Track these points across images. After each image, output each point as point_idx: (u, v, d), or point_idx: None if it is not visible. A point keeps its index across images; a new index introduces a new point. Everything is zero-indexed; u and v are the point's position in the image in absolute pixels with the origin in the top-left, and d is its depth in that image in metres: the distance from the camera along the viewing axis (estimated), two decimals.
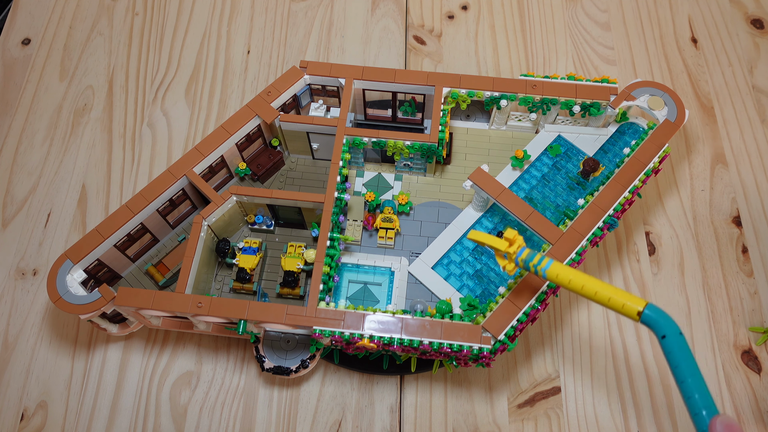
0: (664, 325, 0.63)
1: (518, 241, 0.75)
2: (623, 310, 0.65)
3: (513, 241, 0.75)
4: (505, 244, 0.75)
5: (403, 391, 0.97)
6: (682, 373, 0.61)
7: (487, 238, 0.77)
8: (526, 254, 0.74)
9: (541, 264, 0.72)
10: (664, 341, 0.62)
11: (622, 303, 0.65)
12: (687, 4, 1.32)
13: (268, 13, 1.32)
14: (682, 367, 0.61)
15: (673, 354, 0.62)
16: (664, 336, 0.62)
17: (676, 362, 0.61)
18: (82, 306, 0.85)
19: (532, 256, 0.74)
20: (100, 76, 1.24)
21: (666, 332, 0.62)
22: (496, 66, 1.25)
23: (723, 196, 1.11)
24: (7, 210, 1.11)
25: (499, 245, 0.75)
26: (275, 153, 1.06)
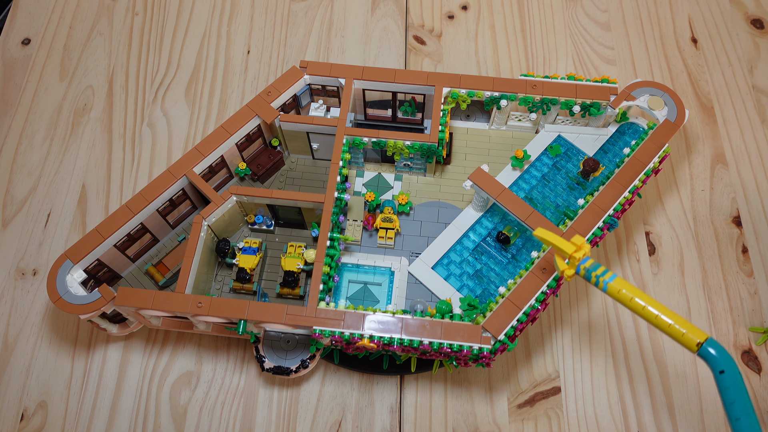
0: (722, 360, 0.63)
1: (585, 248, 0.73)
2: (682, 339, 0.66)
3: (580, 247, 0.73)
4: (572, 247, 0.73)
5: (403, 391, 0.97)
6: (737, 411, 0.61)
7: (554, 238, 0.75)
8: (591, 263, 0.73)
9: (604, 276, 0.71)
10: (722, 376, 0.62)
11: (681, 333, 0.66)
12: (687, 4, 1.32)
13: (268, 13, 1.32)
14: (737, 404, 0.61)
15: (729, 390, 0.62)
16: (722, 371, 0.63)
17: (731, 399, 0.61)
18: (82, 306, 0.85)
19: (597, 266, 0.72)
20: (100, 76, 1.24)
21: (725, 367, 0.63)
22: (496, 66, 1.25)
23: (723, 196, 1.11)
24: (7, 210, 1.11)
25: (565, 248, 0.74)
26: (275, 153, 1.06)
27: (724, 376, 0.62)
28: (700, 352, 0.64)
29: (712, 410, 0.94)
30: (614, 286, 0.71)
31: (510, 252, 0.97)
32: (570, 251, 0.74)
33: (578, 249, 0.74)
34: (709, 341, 0.64)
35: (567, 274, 0.75)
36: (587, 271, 0.73)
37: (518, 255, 0.97)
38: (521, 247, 0.97)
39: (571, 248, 0.74)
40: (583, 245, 0.74)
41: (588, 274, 0.73)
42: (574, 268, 0.74)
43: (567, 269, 0.75)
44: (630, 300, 0.69)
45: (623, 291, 0.70)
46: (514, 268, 0.95)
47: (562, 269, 0.75)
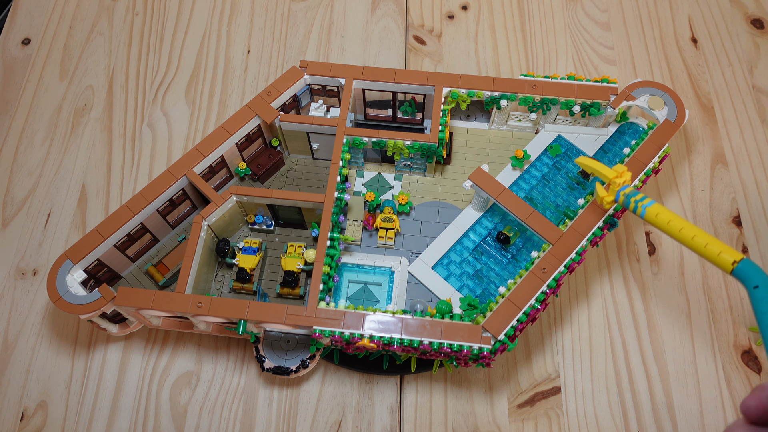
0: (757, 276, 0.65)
1: (626, 175, 0.76)
2: (718, 258, 0.67)
3: (621, 174, 0.76)
4: (613, 173, 0.76)
5: (403, 391, 0.97)
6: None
7: (596, 164, 0.78)
8: (631, 189, 0.75)
9: (643, 201, 0.73)
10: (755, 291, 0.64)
11: (718, 251, 0.67)
12: (687, 4, 1.32)
13: (268, 13, 1.32)
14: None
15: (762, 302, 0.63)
16: (756, 286, 0.64)
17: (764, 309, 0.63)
18: (82, 306, 0.85)
19: (636, 192, 0.75)
20: (100, 76, 1.24)
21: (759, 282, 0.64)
22: (496, 66, 1.25)
23: (723, 196, 1.11)
24: (7, 210, 1.11)
25: (607, 173, 0.76)
26: (275, 153, 1.06)
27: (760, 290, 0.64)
28: (734, 271, 0.66)
29: (712, 410, 0.94)
30: (652, 210, 0.73)
31: (510, 252, 0.97)
32: (611, 176, 0.76)
33: (619, 175, 0.76)
34: (744, 261, 0.66)
35: (606, 200, 0.78)
36: (627, 197, 0.76)
37: (518, 255, 0.97)
38: (521, 247, 0.97)
39: (612, 174, 0.76)
40: (624, 172, 0.76)
41: (627, 200, 0.75)
42: (614, 194, 0.76)
43: (606, 196, 0.77)
44: (667, 223, 0.72)
45: (659, 215, 0.73)
46: (514, 268, 0.95)
47: (602, 196, 0.78)
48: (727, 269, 0.66)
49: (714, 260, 0.68)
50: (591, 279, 1.04)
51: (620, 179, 0.76)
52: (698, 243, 0.68)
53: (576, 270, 1.01)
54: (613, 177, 0.76)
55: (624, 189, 0.75)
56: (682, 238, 0.70)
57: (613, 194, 0.76)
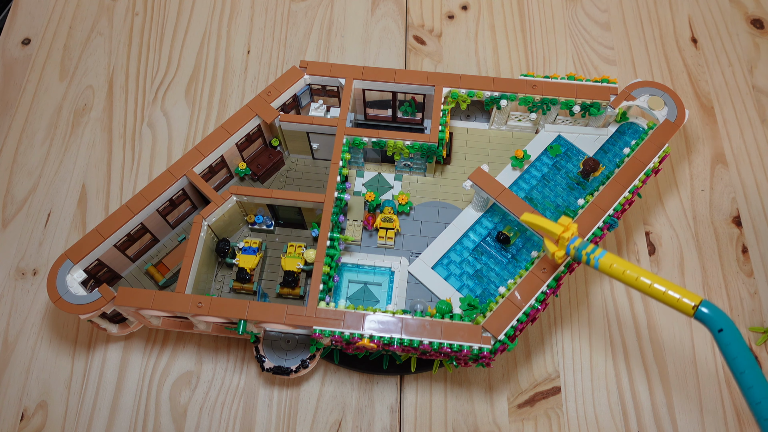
0: (719, 319, 0.64)
1: (572, 228, 0.74)
2: (678, 304, 0.66)
3: (567, 227, 0.73)
4: (560, 228, 0.74)
5: (403, 391, 0.97)
6: (741, 365, 0.62)
7: (541, 220, 0.75)
8: (579, 242, 0.73)
9: (594, 253, 0.71)
10: (721, 335, 0.63)
11: (677, 298, 0.66)
12: (687, 4, 1.32)
13: (268, 13, 1.32)
14: (740, 359, 0.62)
15: (730, 346, 0.63)
16: (721, 330, 0.63)
17: (733, 355, 0.62)
18: (82, 306, 0.85)
19: (586, 244, 0.72)
20: (100, 76, 1.24)
21: (722, 326, 0.63)
22: (496, 66, 1.25)
23: (723, 196, 1.11)
24: (7, 210, 1.11)
25: (553, 229, 0.74)
26: (275, 153, 1.06)
27: (723, 334, 0.63)
28: (696, 315, 0.65)
29: (713, 410, 0.94)
30: (605, 261, 0.71)
31: (510, 252, 0.97)
32: (558, 232, 0.74)
33: (566, 229, 0.74)
34: (703, 303, 0.65)
35: (558, 255, 0.75)
36: (577, 251, 0.73)
37: (518, 255, 0.97)
38: (521, 247, 0.97)
39: (559, 229, 0.74)
40: (571, 225, 0.74)
41: (578, 253, 0.73)
42: (564, 248, 0.74)
43: (557, 251, 0.75)
44: (622, 273, 0.69)
45: (615, 265, 0.70)
46: (514, 268, 0.95)
47: (552, 251, 0.75)
48: (689, 314, 0.65)
49: (675, 306, 0.66)
50: (591, 279, 1.04)
51: (567, 233, 0.73)
52: (656, 290, 0.67)
53: (576, 270, 1.01)
54: (561, 233, 0.73)
55: (573, 242, 0.73)
56: (640, 286, 0.68)
57: (563, 248, 0.74)
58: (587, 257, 0.72)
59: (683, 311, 0.66)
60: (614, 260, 0.70)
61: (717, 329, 0.64)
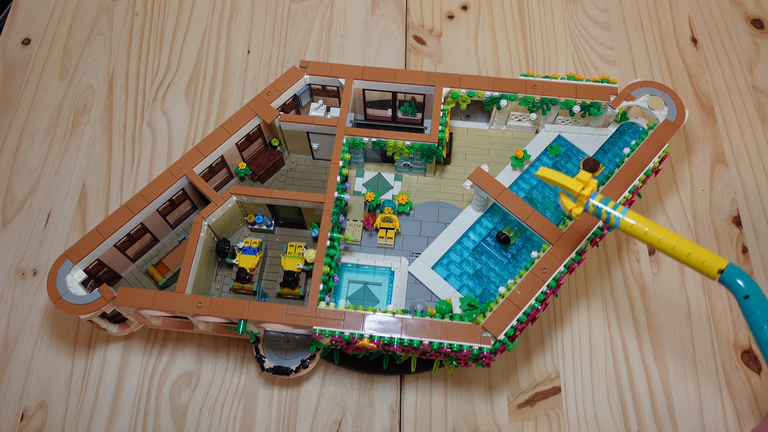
0: (747, 285, 0.62)
1: (592, 184, 0.70)
2: (702, 266, 0.63)
3: (587, 183, 0.70)
4: (579, 185, 0.69)
5: (403, 391, 0.97)
6: (767, 334, 0.60)
7: (558, 176, 0.71)
8: (600, 198, 0.69)
9: (616, 210, 0.68)
10: (747, 301, 0.61)
11: (702, 260, 0.63)
12: (687, 4, 1.32)
13: (268, 13, 1.32)
14: (767, 328, 0.60)
15: (756, 315, 0.61)
16: (747, 296, 0.61)
17: (759, 323, 0.60)
18: (82, 306, 0.85)
19: (607, 201, 0.69)
20: (100, 76, 1.24)
21: (749, 292, 0.61)
22: (496, 66, 1.25)
23: (723, 196, 1.11)
24: (7, 210, 1.11)
25: (572, 185, 0.70)
26: (275, 153, 1.06)
27: (749, 300, 0.61)
28: (721, 278, 0.63)
29: (713, 410, 0.94)
30: (627, 220, 0.67)
31: (510, 252, 0.97)
32: (578, 189, 0.70)
33: (586, 185, 0.70)
34: (730, 267, 0.62)
35: (575, 212, 0.71)
36: (597, 207, 0.69)
37: (518, 255, 0.97)
38: (521, 247, 0.97)
39: (578, 185, 0.70)
40: (590, 181, 0.70)
41: (598, 210, 0.69)
42: (583, 205, 0.70)
43: (575, 207, 0.71)
44: (645, 233, 0.66)
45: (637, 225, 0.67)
46: (514, 268, 0.95)
47: (569, 208, 0.71)
48: (713, 277, 0.63)
49: (698, 269, 0.64)
50: (591, 279, 1.04)
51: (587, 189, 0.69)
52: (680, 252, 0.64)
53: (576, 270, 1.01)
54: (580, 189, 0.69)
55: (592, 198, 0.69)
56: (663, 247, 0.65)
57: (581, 206, 0.69)
58: (608, 215, 0.68)
59: (708, 274, 0.63)
60: (636, 218, 0.67)
61: (743, 295, 0.61)
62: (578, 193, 0.70)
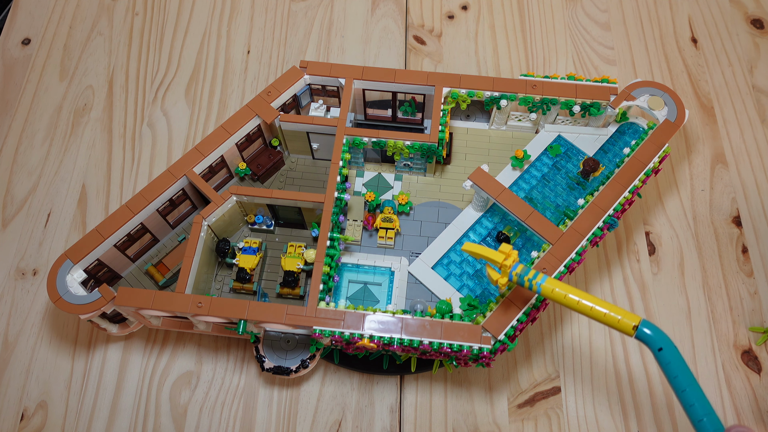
0: (659, 338, 0.66)
1: (513, 255, 0.75)
2: (618, 325, 0.68)
3: (508, 255, 0.75)
4: (501, 256, 0.75)
5: (403, 391, 0.97)
6: (681, 384, 0.64)
7: (482, 249, 0.77)
8: (521, 269, 0.75)
9: (536, 279, 0.73)
10: (661, 354, 0.65)
11: (617, 319, 0.68)
12: (687, 4, 1.32)
13: (268, 13, 1.32)
14: (681, 377, 0.64)
15: (671, 365, 0.65)
16: (660, 348, 0.66)
17: (674, 373, 0.65)
18: (82, 306, 0.85)
19: (527, 271, 0.74)
20: (100, 76, 1.24)
21: (662, 345, 0.66)
22: (496, 66, 1.25)
23: (723, 196, 1.11)
24: (7, 210, 1.11)
25: (495, 257, 0.76)
26: (275, 153, 1.06)
27: (663, 352, 0.65)
28: (637, 334, 0.67)
29: None
30: (547, 286, 0.72)
31: None
32: (500, 260, 0.75)
33: (507, 256, 0.75)
34: (643, 322, 0.67)
35: (501, 282, 0.76)
36: (519, 276, 0.75)
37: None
38: (521, 247, 0.97)
39: (500, 257, 0.76)
40: (511, 252, 0.75)
41: (521, 279, 0.75)
42: (507, 275, 0.76)
43: (500, 278, 0.76)
44: (564, 297, 0.71)
45: (556, 290, 0.72)
46: None
47: (495, 278, 0.76)
48: (629, 333, 0.67)
49: (616, 327, 0.68)
50: (591, 279, 1.04)
51: (509, 260, 0.75)
52: (598, 313, 0.69)
53: (576, 270, 1.01)
54: (502, 260, 0.75)
55: (515, 269, 0.75)
56: (581, 309, 0.70)
57: (506, 275, 0.75)
58: (529, 283, 0.74)
59: (624, 331, 0.68)
60: (555, 285, 0.72)
61: (657, 348, 0.66)
62: (501, 264, 0.75)
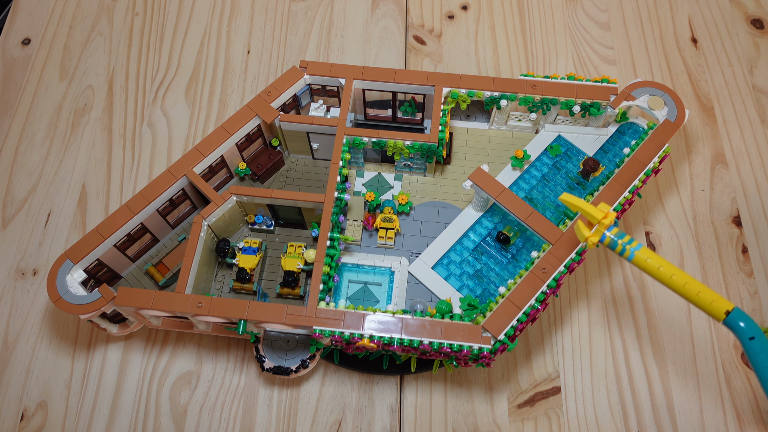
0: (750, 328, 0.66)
1: (611, 216, 0.73)
2: (710, 308, 0.67)
3: (607, 215, 0.73)
4: (600, 213, 0.72)
5: (403, 391, 0.97)
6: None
7: (580, 202, 0.74)
8: (616, 232, 0.73)
9: (630, 245, 0.71)
10: (752, 343, 0.66)
11: (710, 300, 0.67)
12: (687, 4, 1.32)
13: (268, 13, 1.32)
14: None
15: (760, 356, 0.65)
16: (752, 338, 0.66)
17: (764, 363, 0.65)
18: (82, 306, 0.85)
19: (623, 234, 0.72)
20: (100, 76, 1.24)
21: (754, 334, 0.66)
22: (496, 66, 1.25)
23: (723, 196, 1.11)
24: (7, 210, 1.11)
25: (593, 213, 0.73)
26: (275, 153, 1.06)
27: (755, 342, 0.65)
28: (726, 320, 0.66)
29: (713, 410, 0.94)
30: (640, 255, 0.71)
31: (510, 252, 0.97)
32: (598, 216, 0.73)
33: (606, 216, 0.73)
34: (735, 311, 0.66)
35: (591, 241, 0.73)
36: (613, 239, 0.72)
37: (518, 255, 0.97)
38: (521, 247, 0.97)
39: (599, 214, 0.73)
40: (610, 213, 0.73)
41: (614, 242, 0.72)
42: (600, 234, 0.73)
43: (591, 236, 0.73)
44: (656, 269, 0.70)
45: (649, 260, 0.70)
46: (514, 268, 0.95)
47: (586, 236, 0.74)
48: (719, 318, 0.67)
49: (706, 308, 0.67)
50: (591, 279, 1.04)
51: (607, 219, 0.72)
52: (690, 290, 0.68)
53: (576, 270, 1.01)
54: (601, 218, 0.72)
55: (610, 229, 0.73)
56: (673, 284, 0.69)
57: (598, 235, 0.73)
58: (623, 247, 0.72)
59: (714, 315, 0.67)
60: (650, 254, 0.70)
61: (748, 337, 0.66)
62: (598, 221, 0.73)
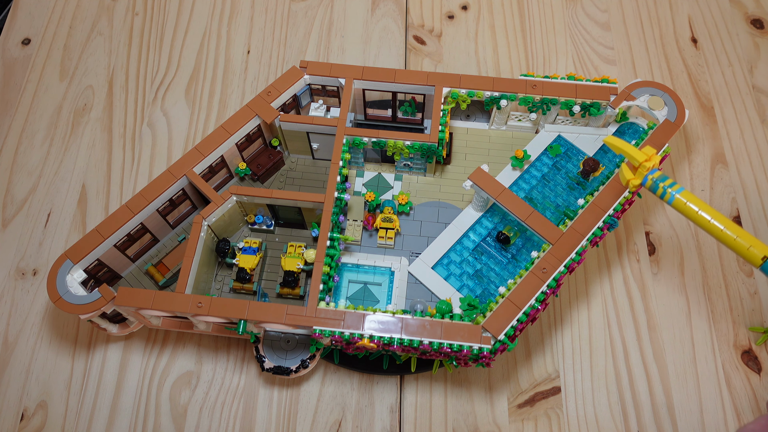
0: None
1: (655, 159, 0.74)
2: (747, 253, 0.68)
3: (650, 157, 0.74)
4: (643, 156, 0.73)
5: (403, 391, 0.97)
6: None
7: (624, 144, 0.75)
8: (658, 175, 0.73)
9: (672, 188, 0.71)
10: None
11: (746, 247, 0.67)
12: (687, 4, 1.32)
13: (268, 13, 1.32)
14: None
15: None
16: None
17: None
18: (82, 306, 0.85)
19: (665, 177, 0.73)
20: (100, 76, 1.24)
21: None
22: (496, 66, 1.25)
23: (723, 196, 1.11)
24: (7, 210, 1.11)
25: (636, 155, 0.74)
26: (275, 153, 1.06)
27: None
28: (763, 266, 0.67)
29: (712, 410, 0.94)
30: (680, 199, 0.71)
31: (510, 252, 0.97)
32: (641, 159, 0.73)
33: (648, 159, 0.74)
34: None
35: (633, 183, 0.75)
36: (655, 182, 0.73)
37: (518, 255, 0.97)
38: (521, 247, 0.97)
39: (642, 156, 0.74)
40: (654, 156, 0.74)
41: (655, 184, 0.73)
42: (642, 177, 0.74)
43: (633, 179, 0.74)
44: (696, 213, 0.70)
45: (689, 204, 0.71)
46: (514, 268, 0.96)
47: (628, 178, 0.75)
48: (756, 263, 0.67)
49: (743, 254, 0.68)
50: (591, 279, 1.04)
51: (650, 162, 0.73)
52: (728, 237, 0.68)
53: (576, 270, 1.01)
54: (643, 160, 0.73)
55: (653, 173, 0.73)
56: (712, 229, 0.69)
57: (640, 177, 0.74)
58: (664, 190, 0.72)
59: (751, 261, 0.67)
60: (690, 197, 0.71)
61: None
62: (641, 164, 0.74)
